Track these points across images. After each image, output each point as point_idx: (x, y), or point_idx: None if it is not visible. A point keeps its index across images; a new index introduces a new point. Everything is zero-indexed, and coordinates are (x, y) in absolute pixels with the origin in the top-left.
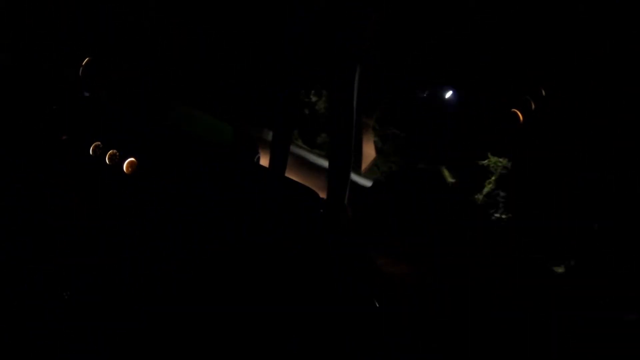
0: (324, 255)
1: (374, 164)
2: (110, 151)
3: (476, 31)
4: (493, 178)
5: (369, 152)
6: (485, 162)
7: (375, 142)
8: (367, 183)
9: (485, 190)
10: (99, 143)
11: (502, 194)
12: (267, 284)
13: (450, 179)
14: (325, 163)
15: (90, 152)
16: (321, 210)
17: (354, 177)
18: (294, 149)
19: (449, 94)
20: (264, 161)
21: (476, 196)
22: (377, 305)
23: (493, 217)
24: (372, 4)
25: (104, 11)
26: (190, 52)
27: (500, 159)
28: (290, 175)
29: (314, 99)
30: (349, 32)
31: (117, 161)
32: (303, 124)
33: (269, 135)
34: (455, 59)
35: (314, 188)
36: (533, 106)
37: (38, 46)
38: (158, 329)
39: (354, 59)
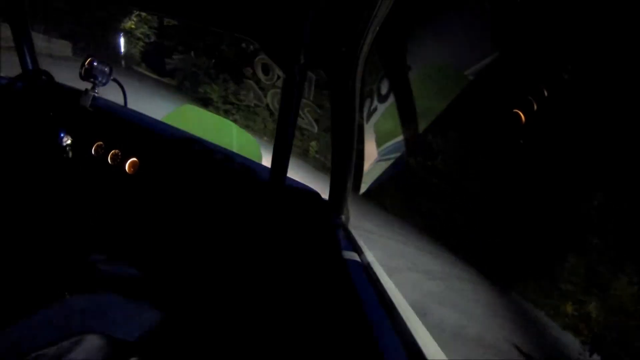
0: (324, 255)
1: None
2: (113, 151)
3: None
4: None
5: (370, 152)
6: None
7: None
8: None
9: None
10: (102, 143)
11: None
12: (267, 283)
13: None
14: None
15: (93, 152)
16: (322, 210)
17: None
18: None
19: None
20: (265, 161)
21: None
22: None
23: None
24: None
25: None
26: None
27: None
28: None
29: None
30: (349, 32)
31: (120, 161)
32: (148, 50)
33: None
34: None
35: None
36: (535, 107)
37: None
38: (158, 329)
39: (354, 59)
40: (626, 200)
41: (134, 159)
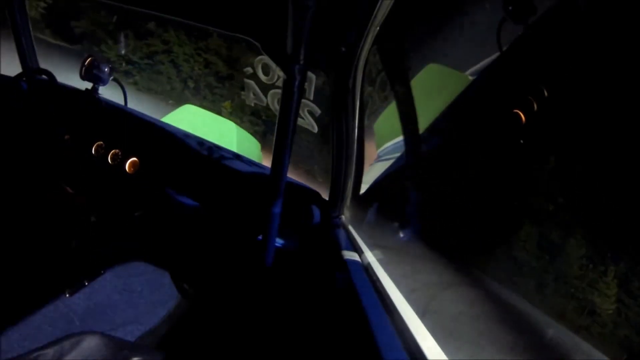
0: (324, 255)
1: None
2: (113, 151)
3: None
4: None
5: (370, 152)
6: None
7: None
8: None
9: None
10: (102, 143)
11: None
12: (268, 283)
13: None
14: None
15: (93, 152)
16: (322, 210)
17: None
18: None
19: None
20: (266, 161)
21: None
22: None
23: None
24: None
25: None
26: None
27: None
28: None
29: None
30: (349, 32)
31: (120, 161)
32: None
33: None
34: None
35: None
36: (535, 107)
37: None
38: (158, 329)
39: (354, 59)
40: (579, 163)
41: (134, 158)
